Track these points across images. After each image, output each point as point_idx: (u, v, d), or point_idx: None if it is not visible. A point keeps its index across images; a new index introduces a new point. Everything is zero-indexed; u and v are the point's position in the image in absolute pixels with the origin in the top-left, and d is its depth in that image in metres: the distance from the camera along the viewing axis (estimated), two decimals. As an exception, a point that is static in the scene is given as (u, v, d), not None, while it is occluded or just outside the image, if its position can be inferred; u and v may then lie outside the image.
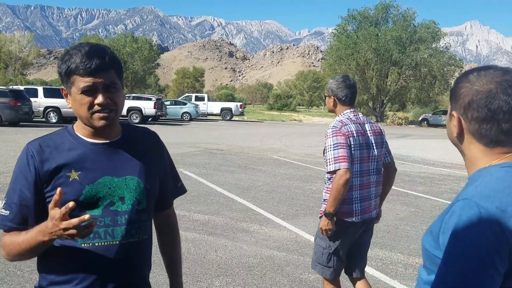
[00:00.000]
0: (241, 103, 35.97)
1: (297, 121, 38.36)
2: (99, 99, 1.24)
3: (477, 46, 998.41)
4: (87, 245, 1.26)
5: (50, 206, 1.13)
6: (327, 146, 2.60)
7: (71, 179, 1.26)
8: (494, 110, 0.96)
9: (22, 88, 20.21)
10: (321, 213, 2.76)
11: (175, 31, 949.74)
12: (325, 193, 2.74)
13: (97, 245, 1.27)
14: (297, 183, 8.37)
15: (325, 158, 2.63)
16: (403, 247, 4.85)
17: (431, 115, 38.82)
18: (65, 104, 1.41)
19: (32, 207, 1.26)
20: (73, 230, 1.10)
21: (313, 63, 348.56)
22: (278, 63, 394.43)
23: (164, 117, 27.31)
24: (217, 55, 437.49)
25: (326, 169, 2.66)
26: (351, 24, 42.78)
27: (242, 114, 35.23)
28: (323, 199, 2.76)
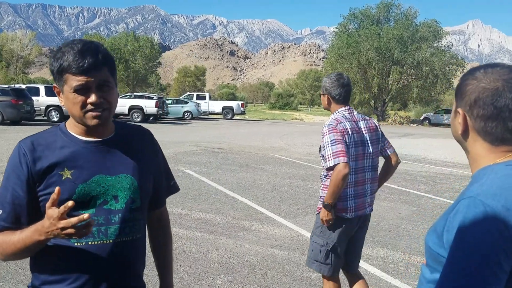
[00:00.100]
0: (242, 102, 35.96)
1: (298, 120, 38.33)
2: (92, 98, 1.22)
3: (479, 45, 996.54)
4: (80, 244, 1.25)
5: (47, 205, 1.11)
6: (324, 143, 2.61)
7: (64, 178, 1.24)
8: (500, 108, 0.96)
9: (23, 86, 20.22)
10: (318, 210, 2.77)
11: (176, 30, 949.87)
12: (321, 190, 2.76)
13: (90, 244, 1.25)
14: (298, 182, 8.37)
15: (323, 155, 2.65)
16: (405, 246, 4.85)
17: (432, 114, 38.77)
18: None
19: (25, 206, 1.24)
20: (71, 229, 1.09)
21: (314, 62, 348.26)
22: (279, 62, 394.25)
23: (165, 116, 27.38)
24: (219, 54, 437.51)
25: (324, 166, 2.67)
26: (352, 23, 42.69)
27: (243, 113, 35.20)
28: (320, 196, 2.77)
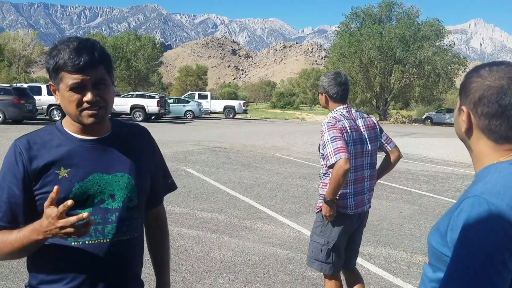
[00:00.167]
0: (244, 101, 35.91)
1: (300, 119, 38.28)
2: (88, 96, 1.21)
3: (481, 44, 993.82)
4: (77, 244, 1.24)
5: (45, 204, 1.10)
6: (324, 140, 2.61)
7: (60, 177, 1.23)
8: (505, 106, 0.95)
9: (25, 86, 20.26)
10: (318, 209, 2.77)
11: (178, 29, 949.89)
12: (321, 188, 2.76)
13: (87, 243, 1.25)
14: (300, 181, 8.36)
15: (323, 154, 2.65)
16: (407, 245, 4.84)
17: (434, 113, 38.65)
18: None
19: (21, 204, 1.23)
20: (70, 228, 1.08)
21: (316, 61, 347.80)
22: (281, 61, 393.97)
23: (167, 115, 27.36)
24: (220, 53, 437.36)
25: (324, 165, 2.67)
26: (354, 22, 42.60)
27: (245, 112, 35.20)
28: (319, 194, 2.77)
